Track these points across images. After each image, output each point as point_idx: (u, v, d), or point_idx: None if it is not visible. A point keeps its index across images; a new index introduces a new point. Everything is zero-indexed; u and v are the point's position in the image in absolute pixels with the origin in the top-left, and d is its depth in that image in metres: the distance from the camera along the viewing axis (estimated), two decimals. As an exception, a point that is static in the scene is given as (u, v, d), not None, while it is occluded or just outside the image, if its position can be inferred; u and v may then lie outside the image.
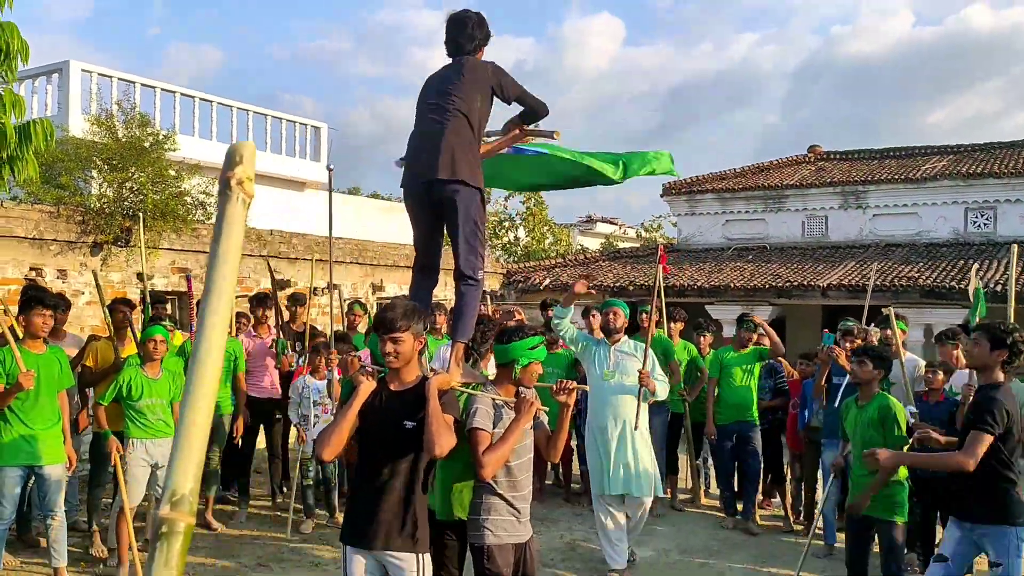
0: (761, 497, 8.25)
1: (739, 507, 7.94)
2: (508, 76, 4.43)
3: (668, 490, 8.23)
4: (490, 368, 4.77)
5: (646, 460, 6.20)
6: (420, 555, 3.57)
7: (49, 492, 5.72)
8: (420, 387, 3.59)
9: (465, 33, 4.33)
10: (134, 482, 6.18)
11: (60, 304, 6.20)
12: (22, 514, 6.45)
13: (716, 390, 7.83)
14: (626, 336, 6.53)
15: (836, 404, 6.78)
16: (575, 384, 4.03)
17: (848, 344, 7.00)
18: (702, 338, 8.69)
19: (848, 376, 6.37)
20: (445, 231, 4.37)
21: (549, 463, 8.25)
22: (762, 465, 7.87)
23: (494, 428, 3.84)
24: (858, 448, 5.17)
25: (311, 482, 7.38)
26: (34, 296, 5.52)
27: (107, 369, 6.61)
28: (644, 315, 8.22)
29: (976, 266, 8.90)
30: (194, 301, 7.75)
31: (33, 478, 5.83)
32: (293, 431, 7.82)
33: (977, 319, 7.01)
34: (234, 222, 0.64)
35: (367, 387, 3.60)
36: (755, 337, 7.83)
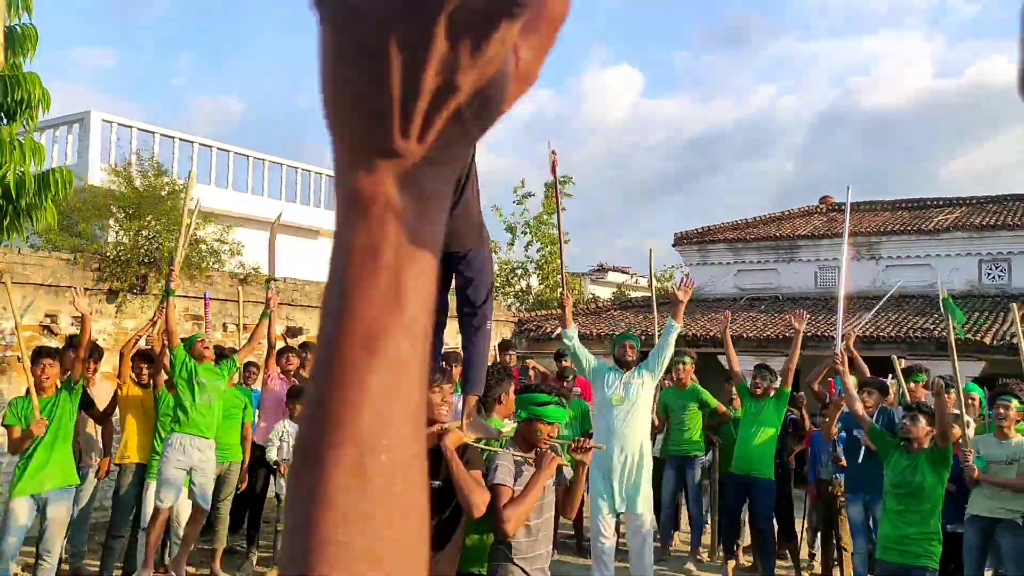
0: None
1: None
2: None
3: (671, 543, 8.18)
4: (502, 419, 4.75)
5: (646, 482, 6.39)
6: None
7: (48, 531, 5.79)
8: (437, 445, 3.62)
9: None
10: (168, 486, 6.30)
11: (55, 352, 6.23)
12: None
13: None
14: (640, 366, 6.66)
15: (859, 460, 6.77)
16: (591, 443, 4.01)
17: (866, 396, 6.96)
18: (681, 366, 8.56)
19: (864, 431, 6.36)
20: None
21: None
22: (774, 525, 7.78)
23: (515, 484, 3.80)
24: (895, 499, 5.11)
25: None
26: (34, 351, 5.82)
27: (107, 409, 6.88)
28: (682, 366, 8.27)
29: (941, 277, 8.95)
30: (210, 327, 7.92)
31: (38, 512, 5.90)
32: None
33: (954, 326, 7.12)
34: None
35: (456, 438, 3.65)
36: (770, 386, 7.79)
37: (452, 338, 6.17)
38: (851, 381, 6.13)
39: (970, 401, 7.20)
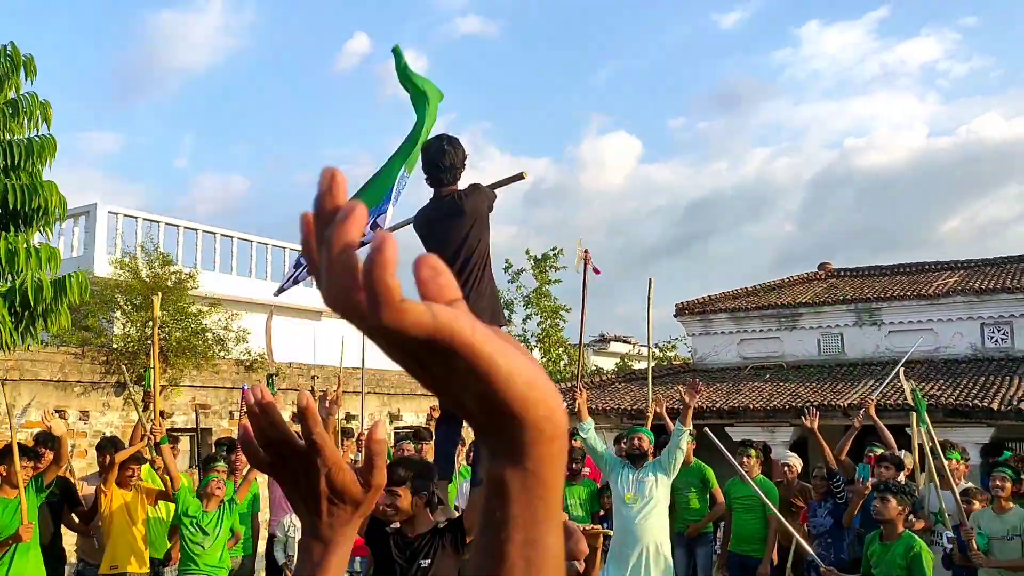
0: None
1: None
2: (490, 192, 4.56)
3: None
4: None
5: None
6: None
7: None
8: (433, 532, 3.69)
9: (444, 166, 4.37)
10: None
11: (29, 452, 6.09)
12: None
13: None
14: (653, 461, 6.53)
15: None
16: (600, 529, 4.00)
17: (884, 471, 6.90)
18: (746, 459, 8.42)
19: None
20: None
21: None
22: None
23: None
24: None
25: None
26: (5, 446, 5.75)
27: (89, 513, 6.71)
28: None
29: (903, 369, 8.90)
30: (244, 415, 7.81)
31: None
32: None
33: (918, 423, 6.99)
34: None
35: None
36: (755, 463, 7.75)
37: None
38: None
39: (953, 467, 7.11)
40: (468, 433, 10.45)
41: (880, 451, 7.55)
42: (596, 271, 6.77)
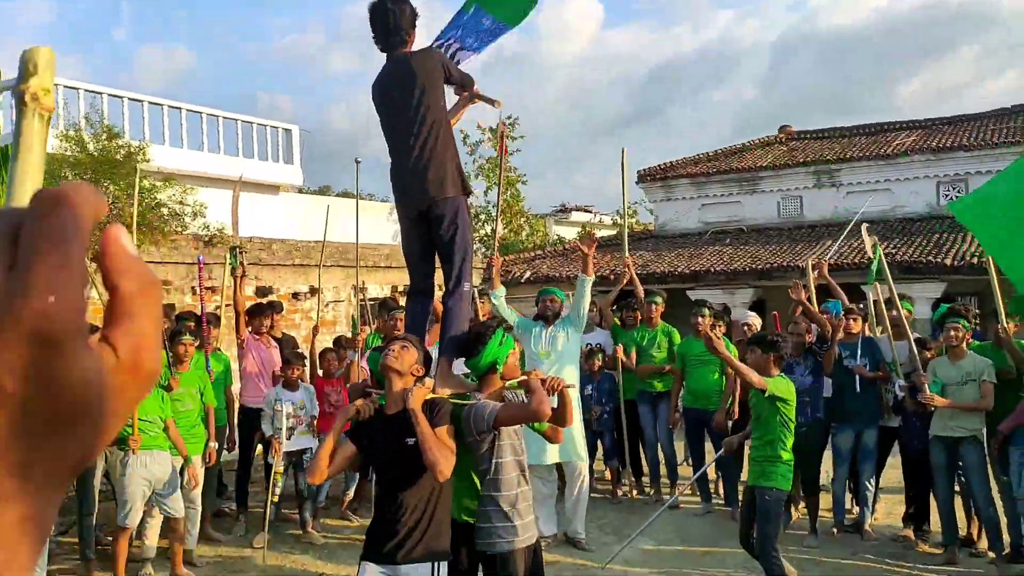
0: None
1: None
2: (447, 58, 4.42)
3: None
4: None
5: (578, 432, 6.76)
6: (437, 564, 3.61)
7: None
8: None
9: (389, 27, 4.19)
10: (132, 500, 6.16)
11: None
12: None
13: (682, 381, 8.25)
14: (563, 318, 6.95)
15: (857, 389, 6.92)
16: (560, 379, 3.99)
17: (852, 323, 7.11)
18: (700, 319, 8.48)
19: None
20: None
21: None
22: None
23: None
24: (757, 420, 5.51)
25: (276, 498, 7.27)
26: None
27: None
28: (653, 306, 8.36)
29: (866, 226, 9.04)
30: (204, 284, 7.74)
31: None
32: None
33: (874, 277, 7.30)
34: (33, 140, 0.63)
35: (350, 411, 3.75)
36: (708, 322, 7.90)
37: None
38: (732, 353, 6.21)
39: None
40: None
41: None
42: (506, 151, 6.83)
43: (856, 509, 7.42)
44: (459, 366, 4.34)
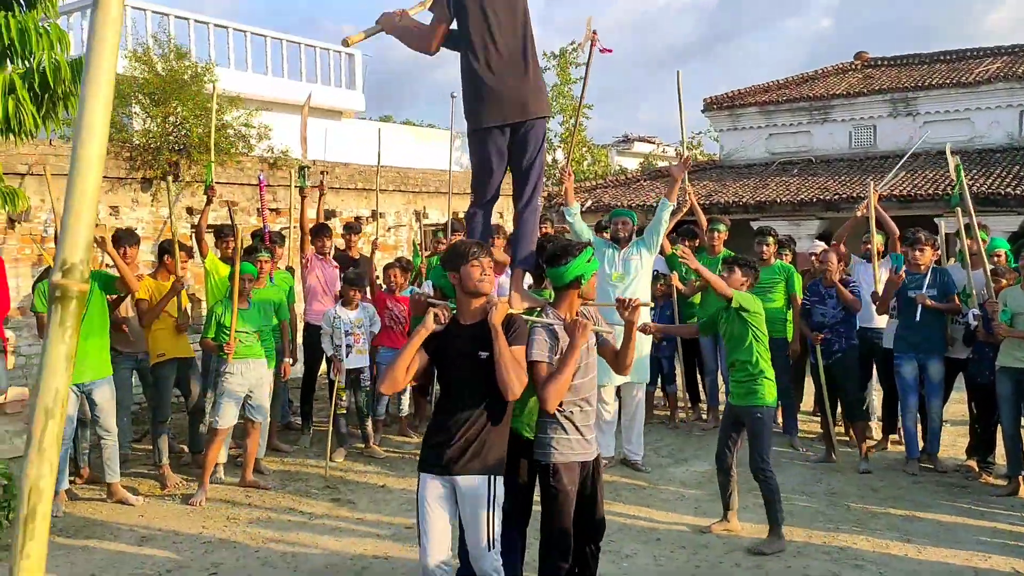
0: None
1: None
2: None
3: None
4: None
5: (643, 356, 6.81)
6: (492, 477, 3.66)
7: (102, 415, 6.03)
8: (486, 318, 3.67)
9: None
10: (229, 402, 6.47)
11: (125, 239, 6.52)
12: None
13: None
14: (638, 239, 6.90)
15: (916, 319, 6.77)
16: (638, 300, 4.02)
17: (918, 253, 6.90)
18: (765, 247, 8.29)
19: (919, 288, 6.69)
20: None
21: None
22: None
23: (555, 356, 3.83)
24: (730, 341, 5.50)
25: (343, 411, 7.49)
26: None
27: (161, 301, 6.77)
28: (716, 233, 8.25)
29: (949, 145, 8.64)
30: (267, 207, 8.02)
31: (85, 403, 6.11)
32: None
33: (956, 200, 7.08)
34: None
35: (430, 322, 3.67)
36: (772, 250, 7.77)
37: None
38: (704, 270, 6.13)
39: (996, 257, 7.15)
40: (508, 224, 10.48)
41: (879, 238, 7.55)
42: (605, 50, 6.51)
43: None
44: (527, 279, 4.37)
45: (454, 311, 3.82)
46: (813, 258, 8.36)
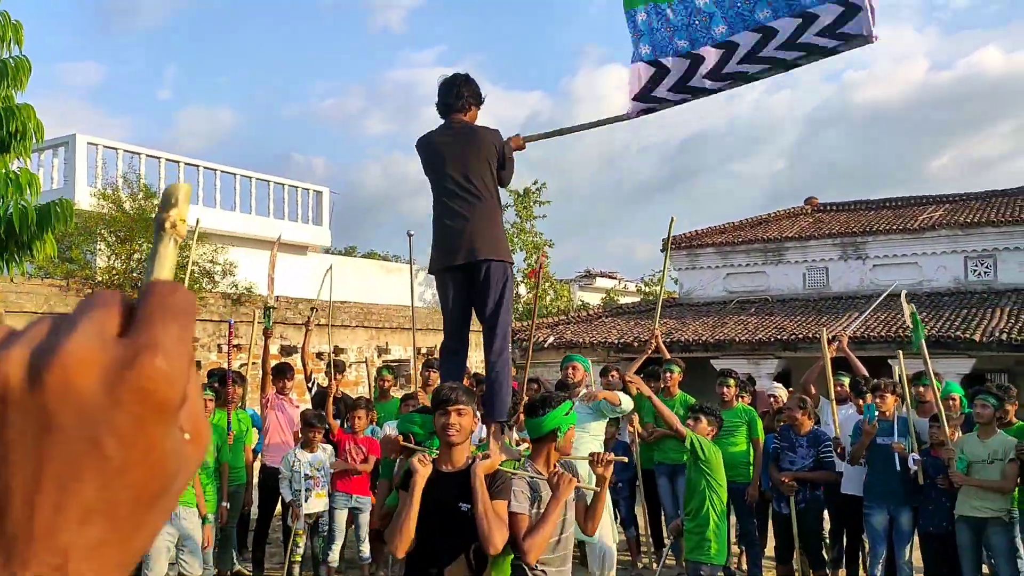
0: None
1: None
2: (507, 143, 4.51)
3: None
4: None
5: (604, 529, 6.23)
6: None
7: None
8: (468, 468, 3.62)
9: (452, 94, 4.36)
10: (157, 554, 6.19)
11: None
12: None
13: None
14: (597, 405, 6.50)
15: (898, 468, 6.63)
16: (612, 456, 4.02)
17: (879, 400, 6.95)
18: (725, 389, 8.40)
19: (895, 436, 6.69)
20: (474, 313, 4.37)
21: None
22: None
23: (533, 508, 3.79)
24: (687, 485, 5.63)
25: (298, 559, 7.26)
26: None
27: None
28: (669, 374, 8.29)
29: (904, 292, 8.95)
30: (232, 343, 7.93)
31: None
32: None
33: (922, 342, 7.00)
34: (166, 259, 0.72)
35: (425, 472, 3.57)
36: (729, 392, 7.82)
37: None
38: (664, 408, 6.33)
39: (951, 401, 7.24)
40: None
41: (846, 380, 7.69)
42: (536, 277, 7.13)
43: None
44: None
45: (432, 456, 3.75)
46: (772, 400, 8.44)
